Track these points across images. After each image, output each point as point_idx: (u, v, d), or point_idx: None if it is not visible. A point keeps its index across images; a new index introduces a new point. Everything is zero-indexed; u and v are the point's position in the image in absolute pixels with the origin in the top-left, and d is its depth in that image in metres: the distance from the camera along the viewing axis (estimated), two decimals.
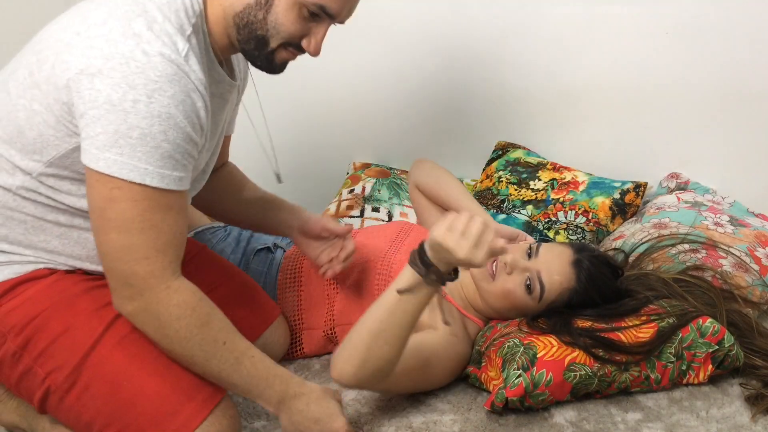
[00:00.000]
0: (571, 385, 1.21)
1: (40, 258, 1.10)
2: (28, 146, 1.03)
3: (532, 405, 1.22)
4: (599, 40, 1.80)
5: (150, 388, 1.06)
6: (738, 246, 1.53)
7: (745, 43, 1.69)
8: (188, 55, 1.00)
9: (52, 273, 1.10)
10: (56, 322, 1.07)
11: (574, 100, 1.87)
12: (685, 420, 1.22)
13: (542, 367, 1.20)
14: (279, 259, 1.50)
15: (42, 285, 1.09)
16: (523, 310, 1.31)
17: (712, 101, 1.75)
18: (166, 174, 0.98)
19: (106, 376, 1.06)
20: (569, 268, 1.28)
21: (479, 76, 1.92)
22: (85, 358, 1.06)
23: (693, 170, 1.82)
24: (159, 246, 1.00)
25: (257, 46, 1.07)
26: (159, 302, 1.01)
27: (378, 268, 1.38)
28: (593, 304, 1.30)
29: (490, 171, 1.93)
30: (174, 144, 0.97)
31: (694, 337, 1.26)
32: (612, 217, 1.75)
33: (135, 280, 1.00)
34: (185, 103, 0.98)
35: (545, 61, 1.85)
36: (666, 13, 1.72)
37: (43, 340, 1.07)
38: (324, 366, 1.42)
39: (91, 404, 1.06)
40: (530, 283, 1.27)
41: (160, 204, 0.99)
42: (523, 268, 1.28)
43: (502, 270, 1.30)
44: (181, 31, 1.00)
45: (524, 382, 1.18)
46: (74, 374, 1.06)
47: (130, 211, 0.97)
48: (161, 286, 1.00)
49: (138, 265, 0.99)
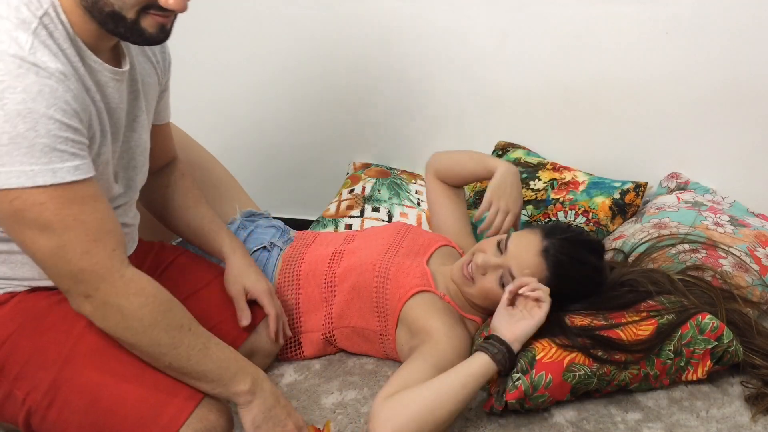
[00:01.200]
0: (571, 385, 1.21)
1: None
2: None
3: (531, 407, 1.22)
4: (599, 40, 1.79)
5: (129, 393, 1.06)
6: (738, 246, 1.53)
7: (745, 43, 1.69)
8: (34, 47, 0.93)
9: (12, 296, 1.10)
10: (26, 343, 1.07)
11: (574, 100, 1.87)
12: (685, 420, 1.22)
13: (541, 370, 1.19)
14: (275, 258, 1.50)
15: (5, 310, 1.09)
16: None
17: (712, 101, 1.75)
18: (57, 168, 0.93)
19: (83, 388, 1.06)
20: (538, 259, 1.27)
21: (479, 76, 1.92)
22: (59, 373, 1.06)
23: (693, 170, 1.82)
24: (92, 237, 0.96)
25: (116, 23, 0.99)
26: (117, 293, 0.98)
27: (375, 271, 1.38)
28: (573, 289, 1.28)
29: None
30: (49, 136, 0.92)
31: (693, 334, 1.26)
32: (612, 217, 1.75)
33: (84, 275, 0.97)
34: (43, 92, 0.92)
35: (545, 61, 1.85)
36: (666, 13, 1.72)
37: (17, 363, 1.07)
38: (324, 366, 1.42)
39: (72, 418, 1.06)
40: (503, 281, 1.27)
41: (69, 198, 0.95)
42: (494, 266, 1.29)
43: (477, 271, 1.31)
44: (24, 26, 0.94)
45: (523, 385, 1.18)
46: (51, 391, 1.06)
47: (42, 216, 0.93)
48: (114, 276, 0.98)
49: (81, 261, 0.96)
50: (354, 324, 1.39)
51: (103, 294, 0.98)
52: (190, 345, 1.04)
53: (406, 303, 1.32)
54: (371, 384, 1.36)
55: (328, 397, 1.32)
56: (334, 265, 1.44)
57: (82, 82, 1.01)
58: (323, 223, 1.86)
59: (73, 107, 0.96)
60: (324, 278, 1.43)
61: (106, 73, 1.06)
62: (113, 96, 1.08)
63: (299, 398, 1.32)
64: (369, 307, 1.37)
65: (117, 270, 0.98)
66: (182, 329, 1.04)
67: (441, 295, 1.35)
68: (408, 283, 1.35)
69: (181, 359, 1.04)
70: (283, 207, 2.01)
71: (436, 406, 1.11)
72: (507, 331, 1.19)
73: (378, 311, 1.36)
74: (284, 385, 1.37)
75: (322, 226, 1.85)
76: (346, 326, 1.39)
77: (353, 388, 1.34)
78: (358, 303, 1.39)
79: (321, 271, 1.44)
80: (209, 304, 1.32)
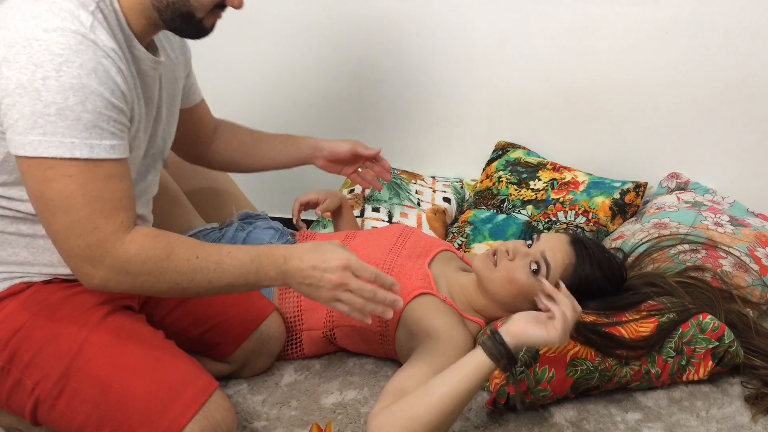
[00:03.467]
0: (572, 380, 1.22)
1: (13, 273, 1.11)
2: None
3: (533, 401, 1.22)
4: (599, 40, 1.79)
5: (139, 387, 1.07)
6: (738, 246, 1.53)
7: (745, 43, 1.69)
8: (94, 26, 0.98)
9: (28, 286, 1.11)
10: (39, 332, 1.08)
11: (574, 100, 1.87)
12: (685, 420, 1.22)
13: (545, 364, 1.20)
14: None
15: (21, 299, 1.10)
16: (529, 295, 1.26)
17: (712, 101, 1.75)
18: (95, 144, 0.97)
19: (94, 380, 1.07)
20: (569, 247, 1.30)
21: (479, 76, 1.92)
22: (71, 363, 1.07)
23: (693, 170, 1.82)
24: (105, 213, 0.99)
25: (184, 21, 1.07)
26: (120, 260, 1.00)
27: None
28: (596, 282, 1.30)
29: (490, 171, 1.93)
30: (95, 113, 0.96)
31: (694, 333, 1.26)
32: (612, 217, 1.75)
33: (91, 251, 0.99)
34: (97, 70, 0.96)
35: (545, 61, 1.85)
36: (666, 13, 1.72)
37: (29, 352, 1.07)
38: (324, 366, 1.42)
39: (81, 409, 1.07)
40: (536, 265, 1.27)
41: (97, 174, 0.98)
42: (525, 253, 1.29)
43: (503, 257, 1.30)
44: (83, 6, 0.99)
45: (527, 378, 1.19)
46: (62, 381, 1.07)
47: (68, 188, 0.96)
48: (116, 245, 1.00)
49: (90, 236, 0.98)
50: (355, 323, 1.38)
51: (108, 265, 1.00)
52: (204, 269, 1.04)
53: (407, 305, 1.32)
54: (371, 384, 1.36)
55: (328, 397, 1.32)
56: None
57: (128, 67, 1.05)
58: (323, 223, 1.86)
59: (121, 89, 1.00)
60: None
61: (148, 63, 1.10)
62: (150, 86, 1.13)
63: (299, 398, 1.32)
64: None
65: (119, 239, 1.00)
66: (190, 262, 1.04)
67: (443, 297, 1.34)
68: (410, 285, 1.34)
69: (203, 285, 1.05)
70: (283, 207, 2.00)
71: (433, 410, 1.07)
72: (515, 326, 1.09)
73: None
74: (284, 385, 1.37)
75: (323, 226, 1.85)
76: (346, 325, 1.39)
77: (353, 388, 1.34)
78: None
79: None
80: (215, 302, 1.33)
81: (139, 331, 1.14)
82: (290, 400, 1.32)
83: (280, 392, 1.35)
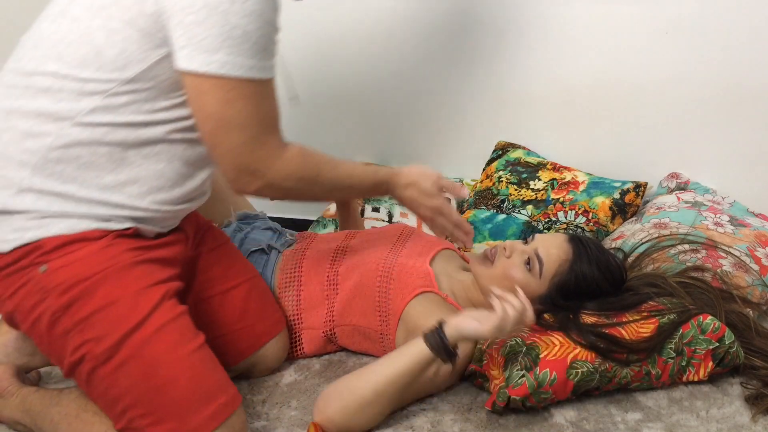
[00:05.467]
0: (573, 383, 1.21)
1: (93, 211, 1.09)
2: (107, 65, 1.04)
3: (534, 405, 1.22)
4: (599, 39, 1.79)
5: (182, 379, 1.07)
6: (738, 246, 1.53)
7: (745, 43, 1.69)
8: None
9: (103, 236, 1.09)
10: (104, 292, 1.07)
11: (574, 100, 1.87)
12: (685, 420, 1.22)
13: (545, 367, 1.20)
14: (273, 260, 1.50)
15: (94, 248, 1.08)
16: (526, 291, 1.25)
17: (712, 101, 1.75)
18: (266, 66, 1.05)
19: (144, 358, 1.06)
20: (566, 244, 1.32)
21: (479, 76, 1.92)
22: (128, 335, 1.06)
23: (693, 170, 1.82)
24: (270, 129, 1.09)
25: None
26: (280, 175, 1.11)
27: (379, 271, 1.38)
28: (594, 280, 1.30)
29: (490, 171, 1.93)
30: (267, 37, 1.04)
31: (694, 334, 1.26)
32: (612, 217, 1.75)
33: (257, 164, 1.08)
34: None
35: (545, 61, 1.85)
36: (666, 12, 1.72)
37: (88, 307, 1.06)
38: (324, 366, 1.42)
39: (123, 381, 1.06)
40: (529, 261, 1.30)
41: (265, 93, 1.07)
42: (521, 251, 1.32)
43: (501, 254, 1.33)
44: None
45: (528, 382, 1.19)
46: (113, 349, 1.05)
47: (246, 108, 1.04)
48: (277, 161, 1.10)
49: (260, 150, 1.08)
50: (355, 323, 1.39)
51: (269, 176, 1.11)
52: (336, 180, 1.22)
53: (408, 303, 1.32)
54: None
55: None
56: (337, 263, 1.44)
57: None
58: (323, 223, 1.86)
59: (278, 14, 1.08)
60: (326, 276, 1.43)
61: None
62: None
63: (299, 398, 1.32)
64: (371, 307, 1.37)
65: (280, 155, 1.11)
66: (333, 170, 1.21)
67: (444, 295, 1.35)
68: (411, 283, 1.35)
69: (334, 192, 1.32)
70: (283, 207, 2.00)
71: (368, 386, 1.16)
72: (456, 319, 1.17)
73: (380, 311, 1.36)
74: (284, 385, 1.37)
75: (322, 226, 1.85)
76: (347, 324, 1.39)
77: None
78: (360, 302, 1.38)
79: (323, 268, 1.44)
80: (234, 307, 1.34)
81: (189, 325, 1.13)
82: (290, 400, 1.32)
83: (280, 392, 1.35)
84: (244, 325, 1.35)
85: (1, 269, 1.08)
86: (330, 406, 1.16)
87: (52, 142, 1.05)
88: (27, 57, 1.08)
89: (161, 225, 1.19)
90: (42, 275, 1.06)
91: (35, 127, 1.05)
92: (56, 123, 1.05)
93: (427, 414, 1.25)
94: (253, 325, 1.36)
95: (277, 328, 1.40)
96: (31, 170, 1.06)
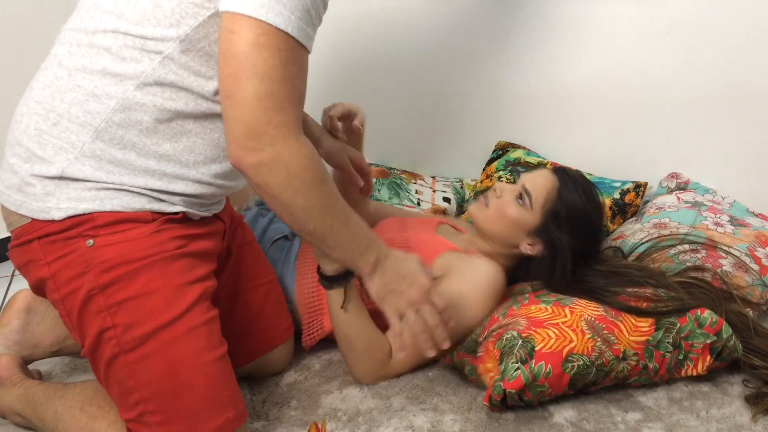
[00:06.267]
0: (570, 376, 1.22)
1: (149, 184, 1.07)
2: (165, 20, 1.01)
3: (531, 399, 1.22)
4: (599, 39, 1.80)
5: (200, 385, 1.07)
6: (738, 246, 1.53)
7: (745, 43, 1.69)
8: None
9: (154, 219, 1.08)
10: (145, 279, 1.05)
11: (574, 100, 1.87)
12: (685, 420, 1.23)
13: (541, 359, 1.20)
14: (297, 247, 1.51)
15: (143, 231, 1.07)
16: (522, 224, 1.40)
17: (712, 101, 1.75)
18: (303, 28, 0.98)
19: (169, 357, 1.05)
20: (551, 175, 1.42)
21: (479, 76, 1.92)
22: (160, 329, 1.05)
23: (693, 170, 1.82)
24: (293, 99, 1.01)
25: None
26: (290, 152, 1.00)
27: (397, 243, 1.43)
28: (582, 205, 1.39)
29: (491, 171, 1.93)
30: (313, 1, 0.99)
31: (691, 327, 1.26)
32: (612, 217, 1.75)
33: (269, 128, 0.98)
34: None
35: (545, 60, 1.86)
36: (666, 12, 1.72)
37: (126, 291, 1.05)
38: (324, 366, 1.42)
39: (142, 374, 1.05)
40: (521, 196, 1.40)
41: (296, 58, 1.00)
42: (510, 189, 1.42)
43: (492, 196, 1.44)
44: None
45: (523, 374, 1.19)
46: (142, 339, 1.04)
47: (273, 60, 0.96)
48: (293, 135, 1.00)
49: (276, 115, 0.98)
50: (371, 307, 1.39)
51: (276, 151, 0.99)
52: (336, 214, 1.07)
53: (434, 260, 1.38)
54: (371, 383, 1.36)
55: (328, 397, 1.32)
56: None
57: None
58: None
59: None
60: None
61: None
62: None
63: (299, 398, 1.32)
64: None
65: (296, 132, 1.01)
66: (332, 197, 1.07)
67: (461, 250, 1.43)
68: (431, 248, 1.42)
69: (325, 226, 1.07)
70: None
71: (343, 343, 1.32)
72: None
73: None
74: (284, 385, 1.37)
75: None
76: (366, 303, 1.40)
77: (353, 388, 1.34)
78: None
79: None
80: (252, 307, 1.35)
81: (217, 332, 1.12)
82: (290, 400, 1.32)
83: (280, 392, 1.35)
84: (259, 327, 1.35)
85: (48, 235, 1.06)
86: (352, 371, 1.33)
87: (116, 104, 1.03)
88: (88, 16, 1.06)
89: (208, 204, 1.18)
90: (88, 249, 1.05)
91: (99, 88, 1.03)
92: (120, 84, 1.03)
93: (427, 414, 1.25)
94: (267, 327, 1.36)
95: (288, 333, 1.40)
96: (94, 133, 1.04)
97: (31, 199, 1.05)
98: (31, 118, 1.05)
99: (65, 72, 1.04)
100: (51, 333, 1.35)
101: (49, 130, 1.04)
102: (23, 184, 1.05)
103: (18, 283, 1.83)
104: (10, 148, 1.08)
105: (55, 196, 1.04)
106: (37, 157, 1.04)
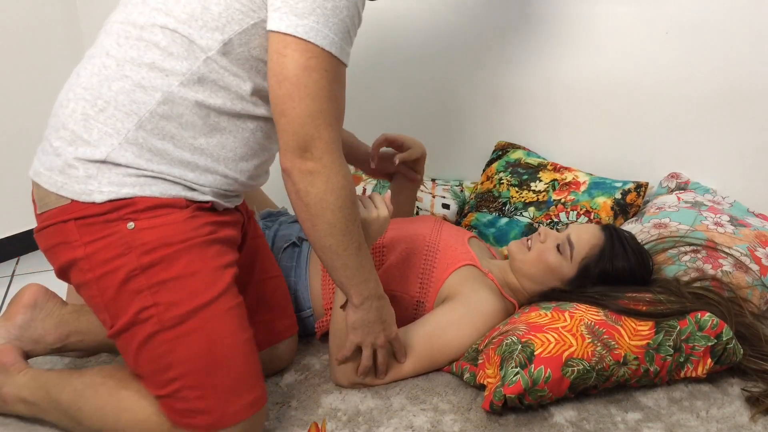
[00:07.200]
0: (569, 380, 1.21)
1: (184, 174, 1.11)
2: (211, 22, 1.06)
3: (531, 403, 1.22)
4: (599, 39, 1.80)
5: (236, 362, 1.11)
6: (738, 246, 1.53)
7: (746, 43, 1.69)
8: None
9: (188, 206, 1.12)
10: (186, 261, 1.09)
11: (574, 100, 1.87)
12: (685, 420, 1.22)
13: (540, 364, 1.20)
14: (306, 251, 1.52)
15: (180, 216, 1.11)
16: (558, 272, 1.40)
17: (712, 101, 1.75)
18: (344, 48, 1.07)
19: (209, 334, 1.09)
20: (597, 231, 1.42)
21: (479, 76, 1.92)
22: (199, 309, 1.09)
23: (693, 170, 1.82)
24: (338, 116, 1.09)
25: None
26: (333, 167, 1.08)
27: (426, 242, 1.46)
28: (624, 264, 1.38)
29: (491, 172, 1.93)
30: (351, 21, 1.06)
31: (692, 330, 1.26)
32: (614, 217, 1.75)
33: (319, 143, 1.07)
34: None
35: (545, 60, 1.86)
36: (666, 12, 1.72)
37: (168, 272, 1.08)
38: (324, 366, 1.43)
39: (181, 351, 1.08)
40: (560, 245, 1.40)
41: (339, 77, 1.08)
42: (555, 236, 1.43)
43: (536, 240, 1.44)
44: None
45: (522, 379, 1.19)
46: (182, 318, 1.08)
47: (322, 80, 1.05)
48: (337, 153, 1.09)
49: (325, 131, 1.06)
50: (393, 288, 1.44)
51: (323, 164, 1.08)
52: (353, 238, 1.15)
53: (452, 273, 1.41)
54: None
55: (328, 397, 1.32)
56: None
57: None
58: None
59: (363, 9, 1.11)
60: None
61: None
62: None
63: (299, 398, 1.32)
64: (414, 274, 1.44)
65: (340, 150, 1.10)
66: (355, 223, 1.15)
67: (485, 271, 1.44)
68: (456, 257, 1.44)
69: (341, 245, 1.14)
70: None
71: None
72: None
73: (421, 279, 1.43)
74: (284, 385, 1.37)
75: None
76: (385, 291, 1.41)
77: (353, 388, 1.34)
78: (403, 269, 1.45)
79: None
80: (263, 298, 1.37)
81: (246, 315, 1.16)
82: (290, 400, 1.32)
83: (280, 392, 1.35)
84: (265, 318, 1.37)
85: (87, 217, 1.09)
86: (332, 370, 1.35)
87: (161, 96, 1.08)
88: (136, 11, 1.10)
89: (231, 197, 1.22)
90: (129, 231, 1.08)
91: (147, 80, 1.08)
92: (166, 78, 1.08)
93: (427, 414, 1.25)
94: (273, 320, 1.38)
95: (293, 329, 1.43)
96: (138, 122, 1.08)
97: (73, 181, 1.08)
98: (77, 104, 1.10)
99: (113, 62, 1.09)
100: (54, 330, 1.36)
101: (95, 115, 1.09)
102: (66, 166, 1.09)
103: (18, 283, 1.83)
104: (55, 131, 1.11)
105: (97, 180, 1.08)
106: (82, 140, 1.09)
